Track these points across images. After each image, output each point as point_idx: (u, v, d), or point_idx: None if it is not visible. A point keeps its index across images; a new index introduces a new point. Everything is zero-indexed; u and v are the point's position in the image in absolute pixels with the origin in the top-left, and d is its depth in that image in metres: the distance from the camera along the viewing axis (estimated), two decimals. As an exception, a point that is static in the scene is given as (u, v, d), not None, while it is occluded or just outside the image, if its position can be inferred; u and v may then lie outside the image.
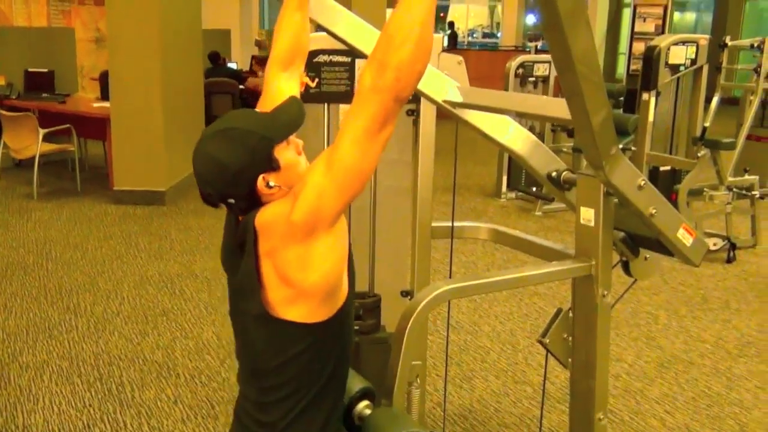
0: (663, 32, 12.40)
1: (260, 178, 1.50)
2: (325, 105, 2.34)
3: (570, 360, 2.28)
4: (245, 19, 15.48)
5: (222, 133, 1.52)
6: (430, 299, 1.87)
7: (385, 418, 1.76)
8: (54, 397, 3.30)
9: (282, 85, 1.78)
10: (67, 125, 6.90)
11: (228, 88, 9.34)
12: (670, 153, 6.08)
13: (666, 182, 5.70)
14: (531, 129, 7.31)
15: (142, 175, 6.57)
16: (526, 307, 4.45)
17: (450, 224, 2.50)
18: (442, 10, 22.99)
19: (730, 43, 6.94)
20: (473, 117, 2.15)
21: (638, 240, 2.23)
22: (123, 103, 6.44)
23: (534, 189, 6.60)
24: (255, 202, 1.53)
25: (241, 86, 9.68)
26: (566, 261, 2.15)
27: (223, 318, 4.19)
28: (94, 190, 7.07)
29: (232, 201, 1.53)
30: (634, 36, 12.71)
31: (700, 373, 3.65)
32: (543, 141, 6.88)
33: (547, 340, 2.23)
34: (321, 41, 2.29)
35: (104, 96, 8.34)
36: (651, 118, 5.54)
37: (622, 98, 7.09)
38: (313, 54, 2.28)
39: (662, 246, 2.13)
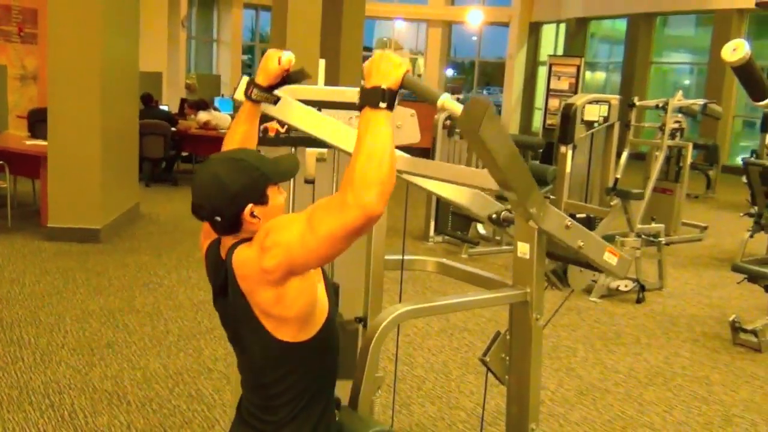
0: (576, 90, 13.24)
1: (249, 206, 1.74)
2: (293, 149, 2.61)
3: (507, 377, 2.59)
4: (173, 62, 15.62)
5: (232, 160, 1.77)
6: (392, 318, 2.15)
7: (353, 420, 2.01)
8: (7, 424, 3.39)
9: None
10: (1, 162, 6.91)
11: (160, 129, 9.48)
12: (585, 201, 6.57)
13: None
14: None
15: (77, 213, 6.62)
16: (456, 341, 4.75)
17: (401, 257, 2.79)
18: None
19: (637, 103, 7.59)
20: (417, 179, 2.46)
21: (572, 260, 2.57)
22: (61, 141, 6.52)
23: (459, 233, 6.98)
24: (236, 226, 1.75)
25: (173, 128, 9.81)
26: (505, 289, 2.46)
27: (167, 350, 4.33)
28: (25, 226, 7.06)
29: (218, 219, 1.74)
30: (549, 92, 13.53)
31: (615, 399, 4.02)
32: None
33: (488, 359, 2.53)
34: (287, 91, 2.56)
35: (33, 133, 8.37)
36: (568, 169, 6.01)
37: (541, 150, 7.60)
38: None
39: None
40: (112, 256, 6.26)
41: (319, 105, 2.42)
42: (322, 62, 9.42)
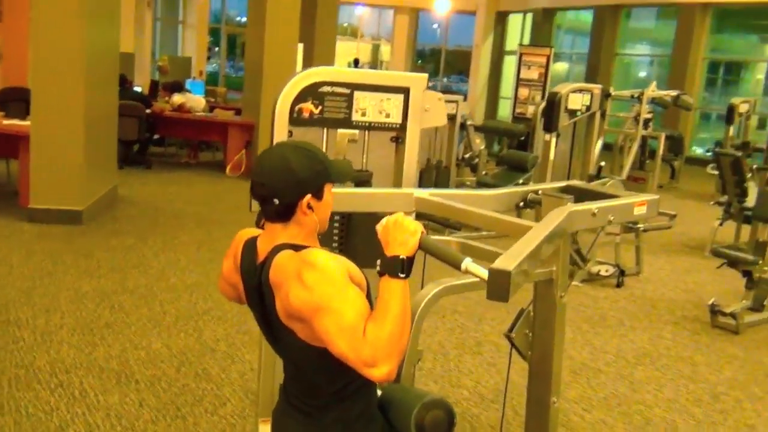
0: (546, 80, 13.44)
1: (308, 196, 1.79)
2: (325, 129, 2.67)
3: (529, 352, 2.70)
4: (139, 44, 15.42)
5: (302, 149, 1.83)
6: (435, 292, 2.27)
7: (399, 391, 2.09)
8: (19, 402, 3.39)
9: None
10: (-22, 142, 6.80)
11: (135, 111, 9.38)
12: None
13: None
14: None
15: (59, 194, 6.55)
16: (449, 322, 4.87)
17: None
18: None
19: (613, 93, 7.77)
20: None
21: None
22: (44, 122, 6.44)
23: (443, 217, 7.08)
24: (288, 214, 1.79)
25: (147, 110, 9.72)
26: (532, 268, 2.56)
27: (168, 330, 4.36)
28: (3, 207, 6.96)
29: (276, 201, 1.77)
30: (519, 82, 13.70)
31: (607, 378, 4.18)
32: (448, 174, 7.42)
33: (514, 335, 2.64)
34: (324, 74, 2.63)
35: (6, 113, 8.22)
36: (552, 156, 6.16)
37: (522, 138, 7.75)
38: (317, 85, 2.61)
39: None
40: (96, 239, 6.22)
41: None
42: (300, 46, 9.60)
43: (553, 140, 6.13)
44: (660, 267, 6.76)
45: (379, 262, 1.72)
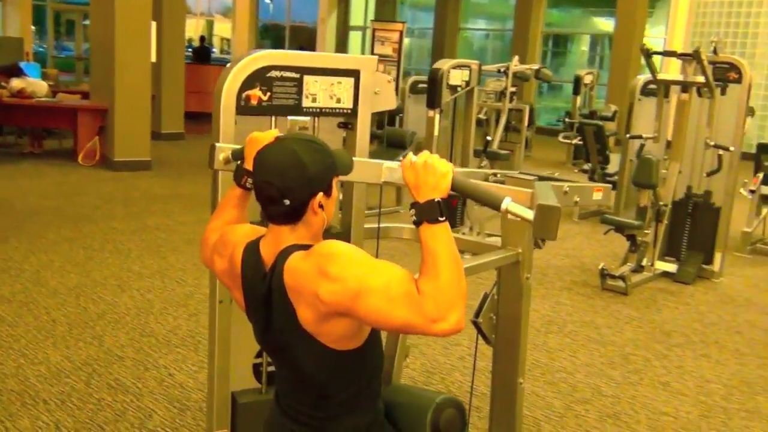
0: (400, 56, 13.53)
1: (320, 194, 1.64)
2: (273, 117, 2.49)
3: (494, 336, 2.68)
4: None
5: (309, 142, 1.67)
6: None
7: (406, 394, 2.00)
8: None
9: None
10: None
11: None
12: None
13: (448, 190, 6.39)
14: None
15: None
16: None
17: (377, 225, 2.77)
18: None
19: (483, 68, 7.92)
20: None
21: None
22: None
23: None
24: (298, 214, 1.64)
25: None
26: (498, 251, 2.54)
27: (63, 340, 3.98)
28: None
29: (287, 201, 1.61)
30: (374, 58, 13.69)
31: (524, 349, 4.27)
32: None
33: (480, 320, 2.61)
34: (272, 57, 2.44)
35: None
36: (437, 132, 6.19)
37: (400, 115, 7.75)
38: (265, 70, 2.42)
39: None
40: (-50, 243, 5.59)
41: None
42: (153, 24, 9.13)
43: (437, 116, 6.16)
44: (538, 235, 7.01)
45: (411, 211, 1.59)
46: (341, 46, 19.43)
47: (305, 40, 21.76)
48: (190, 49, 16.97)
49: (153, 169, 8.92)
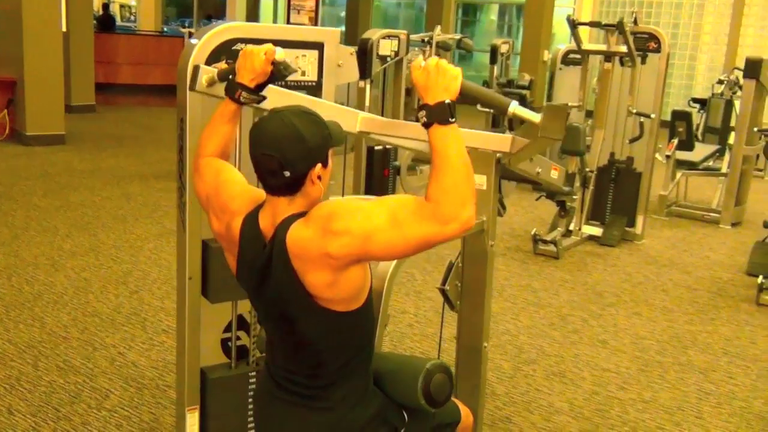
0: (316, 24, 13.39)
1: (319, 165, 1.67)
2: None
3: (459, 302, 2.76)
4: None
5: (307, 114, 1.68)
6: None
7: (391, 362, 2.05)
8: None
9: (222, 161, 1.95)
10: None
11: None
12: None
13: (380, 160, 6.44)
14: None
15: None
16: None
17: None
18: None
19: (412, 38, 7.94)
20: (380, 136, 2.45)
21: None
22: None
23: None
24: (297, 186, 1.67)
25: None
26: (464, 219, 2.60)
27: (2, 323, 3.84)
28: None
29: (287, 173, 1.64)
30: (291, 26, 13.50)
31: (468, 314, 4.39)
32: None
33: (447, 288, 2.68)
34: (237, 30, 2.41)
35: None
36: (368, 103, 6.18)
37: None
38: (230, 43, 2.38)
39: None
40: None
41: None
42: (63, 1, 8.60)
43: (368, 87, 6.16)
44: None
45: (421, 113, 1.61)
46: (252, 13, 19.03)
47: (213, 7, 21.23)
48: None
49: (68, 143, 8.60)
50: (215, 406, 2.61)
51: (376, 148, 6.44)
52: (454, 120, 1.60)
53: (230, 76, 1.95)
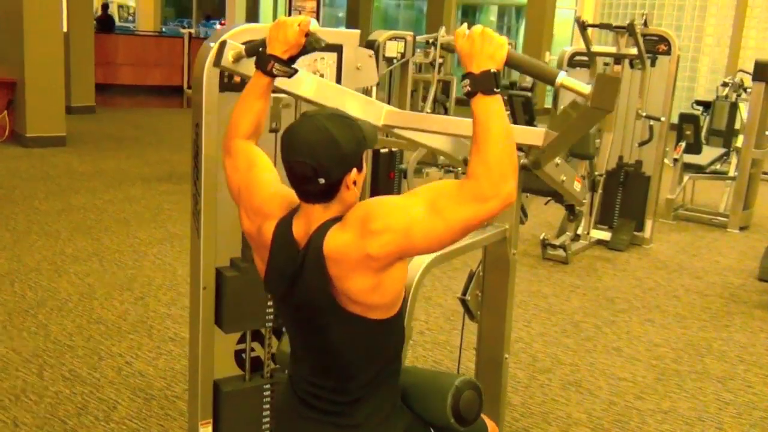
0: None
1: (354, 171, 1.60)
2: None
3: (479, 312, 2.69)
4: None
5: (340, 117, 1.61)
6: (427, 264, 2.16)
7: (420, 377, 1.97)
8: None
9: (256, 149, 1.89)
10: None
11: None
12: (387, 136, 6.75)
13: (386, 163, 6.36)
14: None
15: None
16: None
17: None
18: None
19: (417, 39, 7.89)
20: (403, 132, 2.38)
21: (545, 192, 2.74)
22: None
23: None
24: (332, 193, 1.60)
25: None
26: (487, 228, 2.53)
27: (5, 331, 3.76)
28: None
29: (321, 181, 1.57)
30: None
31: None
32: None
33: (468, 298, 2.61)
34: (255, 32, 2.33)
35: None
36: (374, 105, 6.13)
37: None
38: (248, 44, 2.31)
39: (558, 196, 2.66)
40: None
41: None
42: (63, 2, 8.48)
43: (374, 89, 6.08)
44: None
45: (465, 82, 1.54)
46: (252, 12, 18.95)
47: (212, 7, 21.16)
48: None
49: (68, 145, 8.51)
50: (229, 419, 2.54)
51: (382, 150, 6.36)
52: (498, 90, 1.55)
53: (260, 49, 1.88)
